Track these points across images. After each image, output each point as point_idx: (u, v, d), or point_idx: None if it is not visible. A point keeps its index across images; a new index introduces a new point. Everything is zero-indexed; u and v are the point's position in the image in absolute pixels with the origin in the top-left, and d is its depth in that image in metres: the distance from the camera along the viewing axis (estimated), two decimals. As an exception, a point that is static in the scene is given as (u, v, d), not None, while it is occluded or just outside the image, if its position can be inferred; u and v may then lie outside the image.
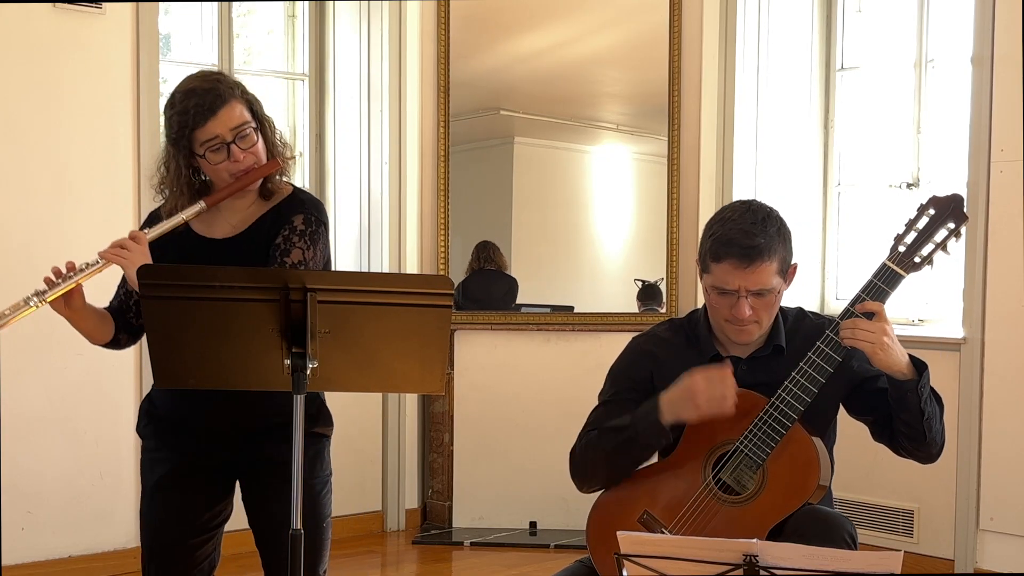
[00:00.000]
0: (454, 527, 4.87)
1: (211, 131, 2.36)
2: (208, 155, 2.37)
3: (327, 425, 2.52)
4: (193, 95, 2.37)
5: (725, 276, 2.32)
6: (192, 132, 2.36)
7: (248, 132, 2.40)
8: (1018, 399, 4.03)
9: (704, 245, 2.39)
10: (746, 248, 2.30)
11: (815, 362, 2.30)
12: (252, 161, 2.40)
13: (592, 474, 2.47)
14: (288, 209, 2.45)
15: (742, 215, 2.37)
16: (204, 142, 2.37)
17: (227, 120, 2.37)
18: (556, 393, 4.74)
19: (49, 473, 4.06)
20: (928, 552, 4.25)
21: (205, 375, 2.08)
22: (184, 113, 2.36)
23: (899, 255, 2.31)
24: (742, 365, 2.43)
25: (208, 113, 2.35)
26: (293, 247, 2.39)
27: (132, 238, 2.33)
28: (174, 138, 2.39)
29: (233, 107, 2.39)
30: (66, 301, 2.36)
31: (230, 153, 2.37)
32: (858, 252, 4.79)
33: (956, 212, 2.31)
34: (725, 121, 4.79)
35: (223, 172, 2.39)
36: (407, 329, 2.02)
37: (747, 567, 1.82)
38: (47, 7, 4.00)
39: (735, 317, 2.34)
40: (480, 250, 5.01)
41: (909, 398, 2.28)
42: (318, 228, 2.43)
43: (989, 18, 4.05)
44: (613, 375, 2.55)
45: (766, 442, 2.29)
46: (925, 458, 2.41)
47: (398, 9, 4.83)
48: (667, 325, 2.57)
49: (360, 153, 4.92)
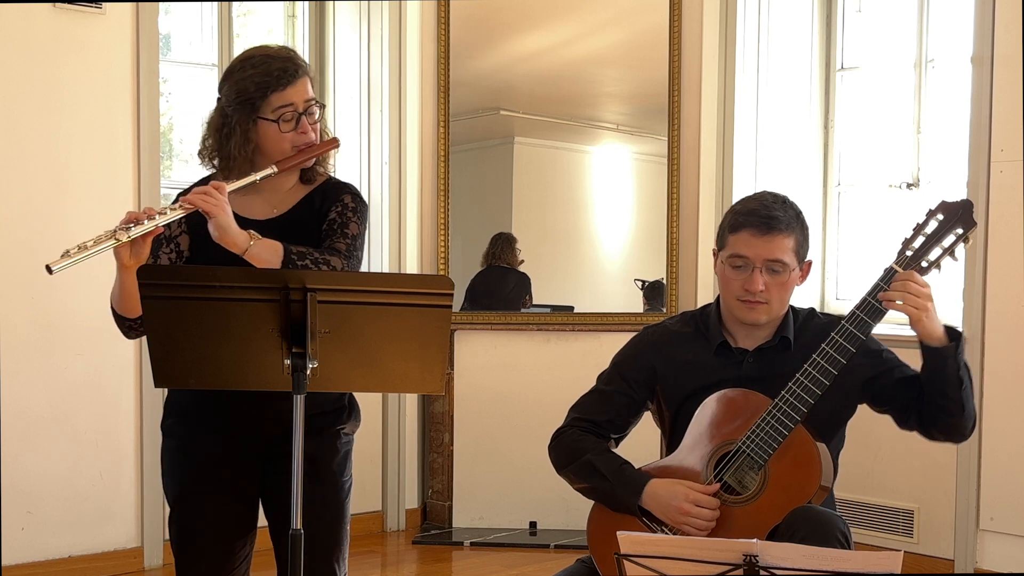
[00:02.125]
0: (454, 527, 4.87)
1: (288, 97, 2.37)
2: (281, 123, 2.37)
3: (356, 421, 2.55)
4: (275, 60, 2.38)
5: (742, 245, 2.38)
6: (270, 95, 2.36)
7: (315, 110, 2.42)
8: (1018, 399, 4.03)
9: (724, 222, 2.45)
10: (764, 218, 2.37)
11: (818, 363, 2.30)
12: (314, 138, 2.42)
13: (563, 477, 2.53)
14: (335, 189, 2.48)
15: (763, 194, 2.46)
16: (278, 107, 2.36)
17: (303, 91, 2.39)
18: (556, 393, 4.69)
19: (49, 473, 4.06)
20: (928, 552, 4.25)
21: (205, 375, 2.08)
22: (267, 75, 2.36)
23: (906, 259, 2.31)
24: (749, 357, 2.45)
25: (291, 78, 2.37)
26: (350, 221, 2.43)
27: (215, 187, 2.27)
28: (245, 99, 2.36)
29: (306, 81, 2.41)
30: (134, 249, 2.25)
31: (299, 123, 2.38)
32: (858, 252, 4.79)
33: (965, 217, 2.31)
34: (725, 121, 4.79)
35: (286, 143, 2.39)
36: (407, 329, 2.02)
37: (747, 567, 1.82)
38: (47, 7, 4.00)
39: (747, 290, 2.37)
40: (495, 243, 5.01)
41: (949, 365, 2.28)
42: (366, 209, 2.50)
43: (989, 18, 4.05)
44: (616, 362, 2.59)
45: (768, 443, 2.29)
46: (960, 434, 2.40)
47: (398, 9, 4.83)
48: (679, 317, 2.62)
49: (360, 153, 4.92)
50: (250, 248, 2.26)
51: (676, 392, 2.49)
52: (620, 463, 2.44)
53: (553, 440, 2.55)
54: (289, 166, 2.40)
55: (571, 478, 2.50)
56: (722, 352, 2.47)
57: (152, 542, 4.23)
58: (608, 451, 2.50)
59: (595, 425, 2.53)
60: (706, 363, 2.46)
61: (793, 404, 2.29)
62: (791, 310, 2.49)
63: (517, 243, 5.01)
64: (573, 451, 2.49)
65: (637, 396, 2.53)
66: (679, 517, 2.31)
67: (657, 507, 2.35)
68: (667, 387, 2.51)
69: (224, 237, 2.25)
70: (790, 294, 2.44)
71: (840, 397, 2.39)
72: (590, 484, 2.45)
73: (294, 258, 2.28)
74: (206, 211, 2.24)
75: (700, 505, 2.30)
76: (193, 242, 2.42)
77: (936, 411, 2.36)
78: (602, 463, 2.44)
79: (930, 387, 2.33)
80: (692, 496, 2.31)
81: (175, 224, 2.41)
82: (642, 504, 2.37)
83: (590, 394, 2.58)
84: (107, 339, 4.11)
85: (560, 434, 2.54)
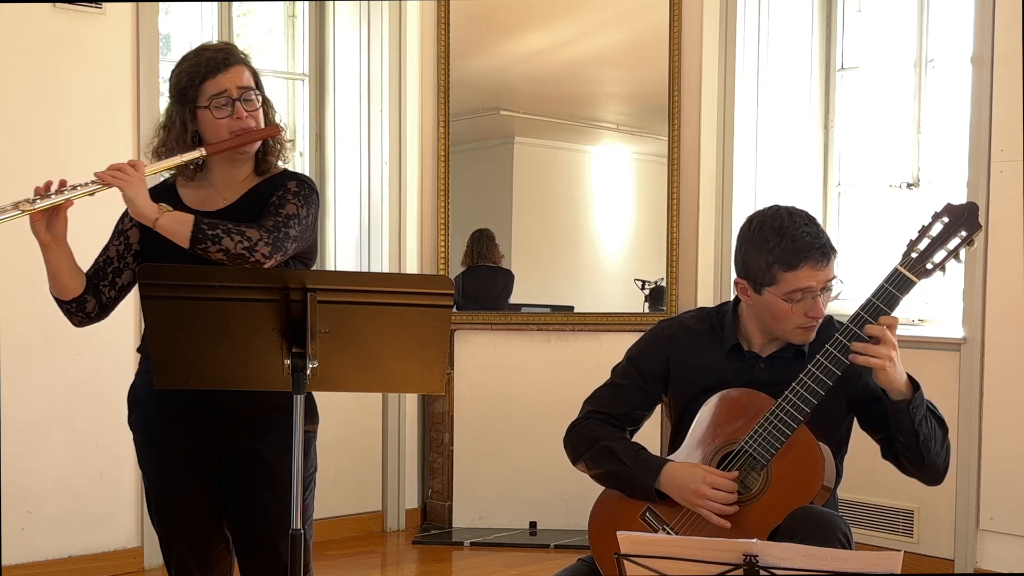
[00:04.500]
0: (454, 527, 4.87)
1: (220, 84, 2.40)
2: (213, 109, 2.40)
3: (313, 420, 2.50)
4: (206, 51, 2.45)
5: (806, 279, 2.34)
6: (202, 83, 2.40)
7: (252, 97, 2.44)
8: (1018, 399, 4.03)
9: (766, 259, 2.36)
10: (820, 247, 2.35)
11: (822, 364, 2.31)
12: (253, 125, 2.44)
13: (580, 467, 2.52)
14: (282, 177, 2.49)
15: (793, 219, 2.38)
16: (212, 95, 2.40)
17: (236, 78, 2.42)
18: (556, 393, 4.73)
19: (49, 473, 4.06)
20: (928, 552, 4.25)
21: (205, 375, 2.08)
22: (196, 66, 2.41)
23: (912, 261, 2.32)
24: (761, 363, 2.45)
25: (221, 66, 2.41)
26: (287, 202, 2.41)
27: (131, 164, 2.33)
28: (182, 89, 2.42)
29: (241, 70, 2.44)
30: (49, 223, 2.33)
31: (234, 109, 2.40)
32: (858, 252, 4.79)
33: (970, 220, 2.32)
34: (725, 121, 4.79)
35: (224, 129, 2.42)
36: (407, 329, 2.02)
37: (747, 567, 1.82)
38: (47, 7, 4.00)
39: (814, 317, 2.37)
40: (475, 242, 5.00)
41: (903, 418, 2.30)
42: (311, 194, 2.47)
43: (989, 18, 4.05)
44: (630, 356, 2.58)
45: (771, 443, 2.30)
46: (926, 480, 2.42)
47: (398, 9, 4.83)
48: (695, 313, 2.61)
49: (360, 153, 4.92)
50: (159, 220, 2.29)
51: (684, 390, 2.49)
52: (637, 448, 2.45)
53: (568, 432, 2.55)
54: (220, 150, 2.42)
55: (588, 465, 2.49)
56: (734, 354, 2.46)
57: (152, 542, 4.22)
58: (624, 438, 2.50)
59: (610, 418, 2.53)
60: (717, 364, 2.46)
61: (796, 404, 2.29)
62: None
63: (497, 238, 5.00)
64: (589, 439, 2.49)
65: (652, 389, 2.54)
66: (696, 500, 2.30)
67: (675, 489, 2.34)
68: (677, 384, 2.51)
69: (133, 209, 2.31)
70: None
71: (839, 400, 2.39)
72: (607, 469, 2.44)
73: (204, 227, 2.28)
74: (116, 186, 2.30)
75: (718, 488, 2.30)
76: (143, 236, 2.45)
77: (899, 454, 2.38)
78: (619, 448, 2.44)
79: (892, 430, 2.35)
80: (710, 479, 2.30)
81: (127, 219, 2.48)
82: (659, 487, 2.36)
83: (605, 387, 2.58)
84: (107, 339, 4.12)
85: (575, 426, 2.55)
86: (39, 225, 2.35)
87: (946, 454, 2.39)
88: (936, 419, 2.36)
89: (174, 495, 2.47)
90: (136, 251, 2.48)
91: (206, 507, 2.48)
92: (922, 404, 2.31)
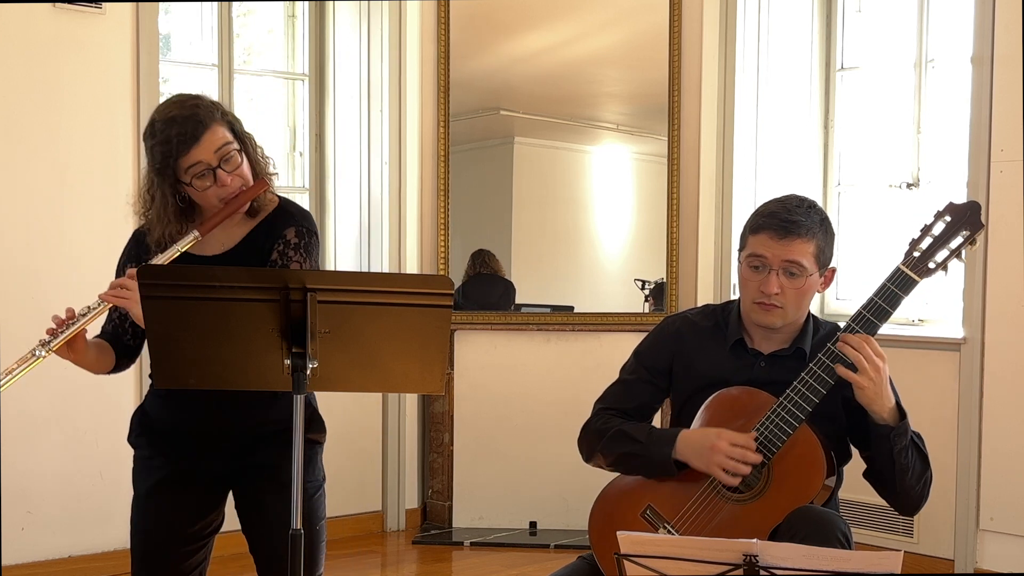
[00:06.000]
0: (454, 527, 4.87)
1: (195, 157, 2.35)
2: (195, 182, 2.36)
3: (319, 432, 2.54)
4: (174, 123, 2.35)
5: (760, 245, 2.38)
6: (176, 161, 2.35)
7: (232, 154, 2.39)
8: (1018, 399, 4.03)
9: (747, 223, 2.45)
10: (784, 220, 2.36)
11: (823, 362, 2.31)
12: (239, 183, 2.40)
13: (596, 461, 2.52)
14: (280, 222, 2.46)
15: (788, 197, 2.45)
16: (188, 168, 2.35)
17: (210, 145, 2.35)
18: (556, 393, 4.74)
19: (49, 473, 4.06)
20: (928, 552, 4.25)
21: (205, 375, 2.08)
22: (167, 143, 2.34)
23: (914, 260, 2.32)
24: (761, 361, 2.45)
25: (191, 140, 2.34)
26: (290, 261, 2.41)
27: (130, 277, 2.32)
28: (158, 167, 2.37)
29: (215, 131, 2.37)
30: (69, 346, 2.36)
31: (216, 178, 2.36)
32: (858, 252, 4.79)
33: (972, 220, 2.32)
34: (725, 121, 4.79)
35: (212, 197, 2.39)
36: (407, 329, 2.02)
37: (747, 567, 1.82)
38: (47, 7, 4.00)
39: (763, 292, 2.37)
40: (476, 257, 5.02)
41: (882, 443, 2.29)
42: (311, 239, 2.46)
43: (989, 18, 4.05)
44: (637, 353, 2.60)
45: (773, 441, 2.30)
46: (899, 508, 2.43)
47: (398, 9, 4.83)
48: (700, 309, 2.63)
49: (360, 153, 4.92)
50: None
51: (685, 385, 2.50)
52: (650, 428, 2.47)
53: (581, 432, 2.55)
54: (213, 225, 2.39)
55: (603, 455, 2.48)
56: (737, 351, 2.47)
57: (152, 542, 4.23)
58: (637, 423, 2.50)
59: (622, 413, 2.53)
60: (719, 360, 2.47)
61: (797, 403, 2.29)
62: (812, 320, 2.49)
63: (496, 253, 5.02)
64: (602, 430, 2.49)
65: (659, 383, 2.55)
66: (713, 456, 2.29)
67: (691, 451, 2.33)
68: (678, 378, 2.52)
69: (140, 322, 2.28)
70: (808, 300, 2.43)
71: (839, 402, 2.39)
72: (623, 450, 2.43)
73: None
74: (122, 306, 2.33)
75: (735, 444, 2.29)
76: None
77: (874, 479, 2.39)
78: (632, 429, 2.45)
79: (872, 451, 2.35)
80: (727, 435, 2.30)
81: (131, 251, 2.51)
82: (676, 455, 2.36)
83: (614, 385, 2.59)
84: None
85: (587, 425, 2.55)
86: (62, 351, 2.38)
87: (922, 488, 2.37)
88: (919, 453, 2.35)
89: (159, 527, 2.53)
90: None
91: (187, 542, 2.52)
92: (905, 434, 2.30)
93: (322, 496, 2.54)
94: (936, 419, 4.16)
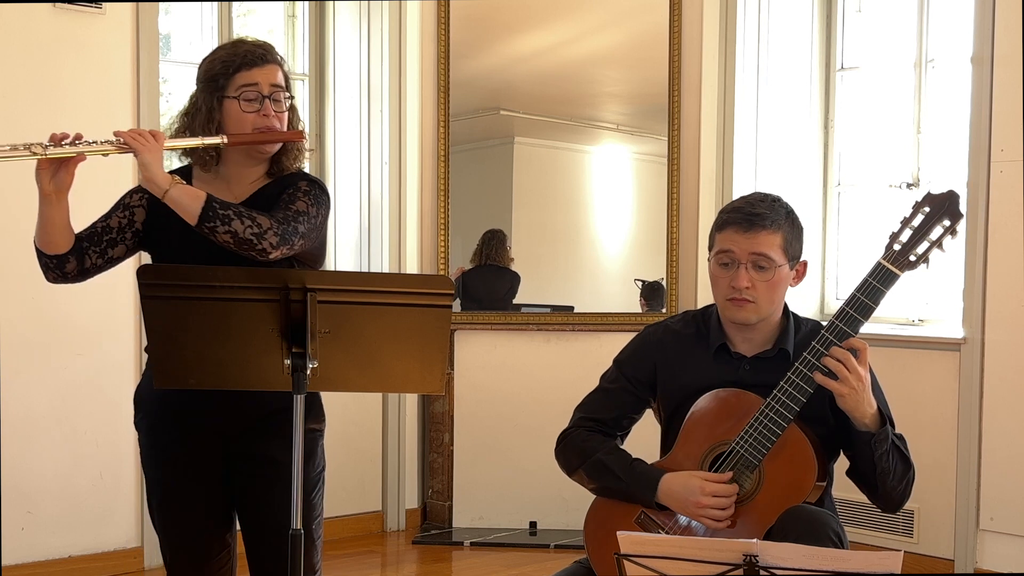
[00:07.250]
0: (454, 527, 4.87)
1: (253, 77, 2.37)
2: (242, 102, 2.36)
3: (319, 419, 2.49)
4: (244, 44, 2.41)
5: (727, 241, 2.38)
6: (235, 73, 2.36)
7: (281, 98, 2.41)
8: (1018, 399, 4.03)
9: (713, 223, 2.46)
10: (748, 214, 2.37)
11: (809, 361, 2.29)
12: (278, 125, 2.41)
13: (575, 479, 2.52)
14: (292, 177, 2.45)
15: (753, 194, 2.47)
16: (242, 86, 2.36)
17: (270, 75, 2.39)
18: (556, 393, 4.71)
19: (49, 473, 4.06)
20: (928, 552, 4.25)
21: (205, 375, 2.08)
22: (231, 57, 2.38)
23: (894, 253, 2.30)
24: (745, 364, 2.44)
25: (259, 60, 2.38)
26: (297, 199, 2.37)
27: (152, 133, 2.30)
28: (213, 76, 2.38)
29: (276, 69, 2.41)
30: (55, 173, 2.30)
31: (262, 106, 2.37)
32: (858, 252, 4.79)
33: (951, 209, 2.29)
34: (725, 121, 4.79)
35: (248, 123, 2.38)
36: (407, 329, 2.02)
37: (747, 567, 1.82)
38: (47, 7, 3.99)
39: (734, 287, 2.36)
40: (486, 243, 5.00)
41: (863, 448, 2.29)
42: (322, 194, 2.43)
43: (989, 18, 4.05)
44: (618, 362, 2.58)
45: (762, 443, 2.29)
46: (881, 507, 2.43)
47: (398, 9, 4.83)
48: (680, 317, 2.61)
49: (360, 153, 4.92)
50: (169, 192, 2.26)
51: (673, 393, 2.49)
52: (631, 461, 2.44)
53: (559, 444, 2.54)
54: (242, 142, 2.37)
55: (583, 479, 2.49)
56: (721, 355, 2.46)
57: (152, 542, 4.22)
58: (617, 449, 2.49)
59: (601, 423, 2.53)
60: (704, 366, 2.45)
61: (785, 403, 2.28)
62: (794, 320, 2.47)
63: (508, 241, 5.00)
64: (582, 452, 2.48)
65: (640, 394, 2.53)
66: (697, 511, 2.31)
67: (674, 502, 2.35)
68: (664, 388, 2.51)
69: (146, 174, 2.27)
70: (781, 294, 2.42)
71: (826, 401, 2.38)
72: (604, 484, 2.44)
73: (215, 205, 2.24)
74: (135, 148, 2.27)
75: (718, 495, 2.30)
76: (149, 216, 2.43)
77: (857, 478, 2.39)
78: (613, 462, 2.43)
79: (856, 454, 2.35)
80: (709, 488, 2.30)
81: (136, 195, 2.46)
82: (658, 500, 2.37)
83: (594, 393, 2.58)
84: (107, 339, 4.13)
85: (566, 436, 2.54)
86: (44, 173, 2.31)
87: (904, 488, 2.37)
88: (901, 455, 2.34)
89: (175, 501, 2.45)
90: (137, 230, 2.45)
91: (207, 515, 2.46)
92: (886, 439, 2.29)
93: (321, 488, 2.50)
94: (936, 419, 4.16)
